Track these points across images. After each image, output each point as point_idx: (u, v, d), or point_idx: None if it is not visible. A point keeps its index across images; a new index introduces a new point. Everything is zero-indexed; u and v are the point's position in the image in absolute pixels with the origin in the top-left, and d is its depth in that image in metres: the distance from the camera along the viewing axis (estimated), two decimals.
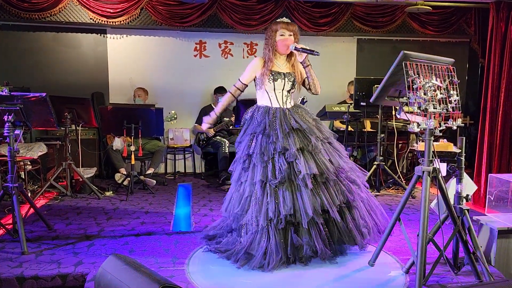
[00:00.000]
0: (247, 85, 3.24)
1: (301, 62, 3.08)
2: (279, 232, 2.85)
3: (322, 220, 2.91)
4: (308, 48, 2.99)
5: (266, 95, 3.12)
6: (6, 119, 3.19)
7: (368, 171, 5.03)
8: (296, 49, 3.01)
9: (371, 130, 5.67)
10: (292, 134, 2.97)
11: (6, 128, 3.21)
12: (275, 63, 3.12)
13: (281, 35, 3.06)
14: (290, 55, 3.17)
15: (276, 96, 3.10)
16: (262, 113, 3.07)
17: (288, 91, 3.12)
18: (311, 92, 3.24)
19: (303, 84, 3.23)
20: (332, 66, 6.53)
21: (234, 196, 3.07)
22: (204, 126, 3.42)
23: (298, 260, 2.90)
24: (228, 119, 5.80)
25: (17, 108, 3.22)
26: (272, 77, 3.07)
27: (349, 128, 5.44)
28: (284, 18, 3.17)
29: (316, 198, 2.89)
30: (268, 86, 3.09)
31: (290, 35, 3.07)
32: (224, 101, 3.26)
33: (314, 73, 3.15)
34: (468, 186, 2.88)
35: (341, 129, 5.82)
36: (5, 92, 3.64)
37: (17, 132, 3.28)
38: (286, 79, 3.09)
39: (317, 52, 2.98)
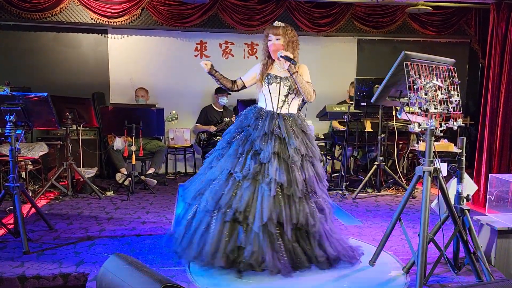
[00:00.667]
0: (245, 86, 3.20)
1: (287, 69, 2.95)
2: (224, 224, 2.75)
3: (277, 230, 2.75)
4: (289, 55, 2.90)
5: (263, 98, 3.09)
6: (7, 119, 3.20)
7: (369, 171, 5.06)
8: (281, 56, 2.92)
9: (371, 130, 5.67)
10: (273, 138, 2.89)
11: (7, 128, 3.21)
12: (275, 66, 3.09)
13: (269, 40, 3.03)
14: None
15: (271, 99, 3.04)
16: (254, 112, 3.06)
17: (286, 96, 3.02)
18: (301, 104, 3.19)
19: None
20: (333, 66, 6.53)
21: (198, 178, 3.02)
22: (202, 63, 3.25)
23: (234, 264, 2.74)
24: (228, 119, 5.81)
25: (19, 108, 3.23)
26: (267, 81, 3.04)
27: (349, 129, 5.44)
28: (276, 22, 3.08)
29: (275, 207, 2.75)
30: (265, 90, 3.06)
31: (278, 39, 2.99)
32: (225, 77, 3.21)
33: (304, 80, 2.98)
34: (469, 186, 2.88)
35: (340, 129, 5.83)
36: (7, 92, 3.65)
37: (18, 132, 3.29)
38: (282, 83, 3.01)
39: (294, 61, 2.90)
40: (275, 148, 2.86)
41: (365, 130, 5.55)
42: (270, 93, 3.04)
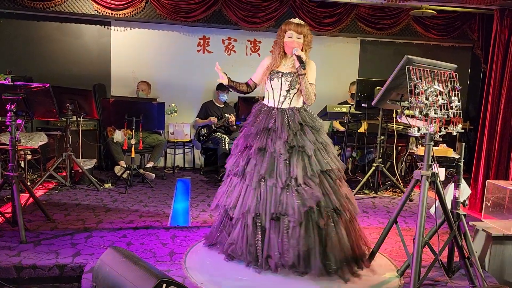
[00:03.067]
0: (257, 85, 3.18)
1: (296, 68, 2.96)
2: (254, 229, 2.80)
3: (292, 220, 2.75)
4: (302, 58, 2.90)
5: (267, 94, 3.10)
6: (8, 108, 3.20)
7: (367, 173, 5.07)
8: (295, 54, 2.93)
9: (364, 131, 5.64)
10: (276, 133, 2.90)
11: (8, 117, 3.22)
12: (282, 63, 3.06)
13: (289, 37, 2.99)
14: None
15: (273, 95, 3.04)
16: (258, 110, 3.08)
17: (287, 91, 3.01)
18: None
19: None
20: (335, 66, 6.54)
21: (225, 186, 3.08)
22: (220, 74, 3.22)
23: (269, 265, 2.78)
24: (228, 115, 5.82)
25: (20, 97, 3.23)
26: (269, 76, 3.04)
27: (349, 129, 5.45)
28: (297, 19, 3.05)
29: (294, 200, 2.76)
30: (267, 85, 3.07)
31: (299, 38, 2.98)
32: (240, 83, 3.22)
33: (308, 84, 2.96)
34: (464, 191, 2.90)
35: (340, 129, 5.85)
36: (8, 81, 3.65)
37: (19, 121, 3.29)
38: (283, 79, 3.00)
39: (304, 66, 2.88)
40: (261, 144, 2.88)
41: (359, 131, 5.51)
42: (272, 88, 3.04)
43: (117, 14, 5.70)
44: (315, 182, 2.82)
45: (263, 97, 3.16)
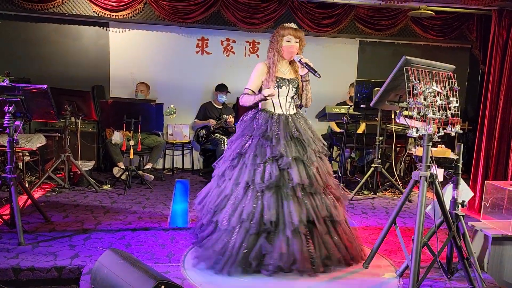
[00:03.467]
0: (255, 92, 3.11)
1: (301, 75, 3.06)
2: (247, 236, 2.77)
3: (307, 230, 2.81)
4: (312, 66, 2.96)
5: (270, 101, 3.06)
6: (6, 110, 3.19)
7: (365, 174, 5.07)
8: (300, 62, 2.99)
9: (361, 132, 5.63)
10: (291, 142, 2.94)
11: (6, 119, 3.21)
12: (279, 68, 3.07)
13: (288, 41, 3.02)
14: (292, 61, 3.13)
15: (280, 102, 3.06)
16: (265, 117, 3.02)
17: (292, 97, 3.09)
18: (300, 103, 3.19)
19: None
20: (333, 67, 6.53)
21: (214, 192, 3.02)
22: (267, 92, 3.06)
23: (262, 267, 2.77)
24: (227, 116, 5.81)
25: (18, 99, 3.22)
26: (277, 84, 3.02)
27: (347, 130, 5.44)
28: (292, 23, 3.10)
29: (302, 207, 2.82)
30: (275, 92, 3.04)
31: (296, 42, 3.04)
32: (247, 101, 3.11)
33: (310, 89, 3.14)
34: (465, 193, 2.90)
35: (337, 131, 5.85)
36: (6, 83, 3.64)
37: (17, 123, 3.28)
38: (291, 86, 3.06)
39: (319, 74, 2.92)
40: (294, 153, 2.90)
41: (358, 132, 5.51)
42: (279, 96, 3.04)
43: (115, 16, 5.70)
44: (335, 184, 3.07)
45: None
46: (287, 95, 3.07)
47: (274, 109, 3.07)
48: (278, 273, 2.76)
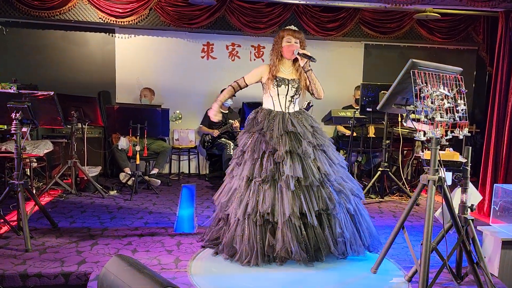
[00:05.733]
0: (247, 85, 3.34)
1: (302, 67, 3.19)
2: (256, 228, 2.94)
3: (300, 222, 2.95)
4: (308, 54, 3.10)
5: (270, 100, 3.26)
6: (13, 116, 3.21)
7: (373, 177, 5.03)
8: (298, 54, 3.13)
9: (374, 136, 5.64)
10: (285, 136, 3.08)
11: (13, 126, 3.23)
12: (281, 69, 3.24)
13: (288, 41, 3.19)
14: (295, 61, 3.26)
15: (279, 100, 3.22)
16: (264, 114, 3.22)
17: (292, 97, 3.23)
18: (314, 97, 3.34)
19: (308, 89, 3.31)
20: (339, 71, 6.52)
21: (226, 188, 3.23)
22: (211, 114, 3.44)
23: (273, 260, 2.96)
24: (232, 121, 5.81)
25: (25, 106, 3.24)
26: (276, 83, 3.20)
27: (353, 134, 5.42)
28: (292, 26, 3.30)
29: (296, 200, 2.96)
30: (273, 91, 3.23)
31: (296, 42, 3.19)
32: (225, 92, 3.40)
33: (316, 78, 3.23)
34: (474, 196, 2.86)
35: (346, 134, 5.82)
36: (13, 90, 3.66)
37: (24, 129, 3.30)
38: (290, 85, 3.21)
39: (314, 59, 3.08)
40: (287, 146, 3.04)
41: (368, 136, 5.52)
42: (278, 94, 3.21)
43: (121, 22, 5.73)
44: (339, 175, 3.15)
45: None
46: (287, 94, 3.22)
47: (274, 107, 3.24)
48: (284, 264, 2.94)
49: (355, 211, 3.14)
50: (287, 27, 3.28)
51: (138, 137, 4.85)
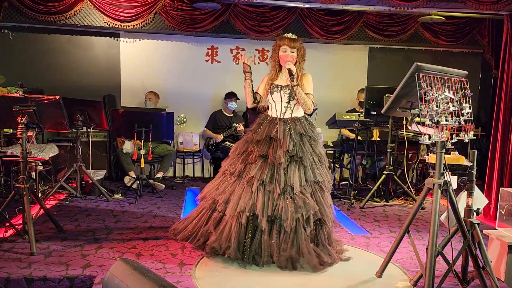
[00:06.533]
0: (261, 96, 3.40)
1: (289, 81, 3.17)
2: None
3: (250, 222, 3.00)
4: (293, 72, 3.11)
5: (270, 106, 3.35)
6: (19, 120, 3.23)
7: (377, 181, 5.01)
8: (286, 68, 3.16)
9: (379, 139, 5.62)
10: (266, 141, 3.15)
11: (19, 130, 3.25)
12: (279, 76, 3.32)
13: (284, 51, 3.23)
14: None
15: (275, 107, 3.29)
16: (261, 118, 3.33)
17: (287, 102, 3.26)
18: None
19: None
20: (343, 74, 6.52)
21: (217, 182, 3.30)
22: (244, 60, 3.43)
23: (256, 261, 2.98)
24: (237, 124, 5.82)
25: (31, 110, 3.26)
26: (270, 90, 3.29)
27: (358, 137, 5.41)
28: (290, 34, 3.29)
29: (251, 200, 3.00)
30: (269, 99, 3.32)
31: (293, 52, 3.21)
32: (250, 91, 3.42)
33: (302, 93, 3.17)
34: (479, 200, 2.84)
35: (351, 137, 5.80)
36: (19, 94, 3.69)
37: (29, 133, 3.32)
38: (282, 92, 3.25)
39: (292, 79, 3.10)
40: (262, 151, 3.11)
41: (373, 139, 5.50)
42: (274, 101, 3.29)
43: (126, 26, 5.76)
44: (308, 192, 3.06)
45: (266, 108, 3.42)
46: (281, 101, 3.26)
47: (271, 113, 3.31)
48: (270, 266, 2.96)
49: (314, 235, 3.07)
50: (284, 35, 3.27)
51: (142, 141, 4.86)
